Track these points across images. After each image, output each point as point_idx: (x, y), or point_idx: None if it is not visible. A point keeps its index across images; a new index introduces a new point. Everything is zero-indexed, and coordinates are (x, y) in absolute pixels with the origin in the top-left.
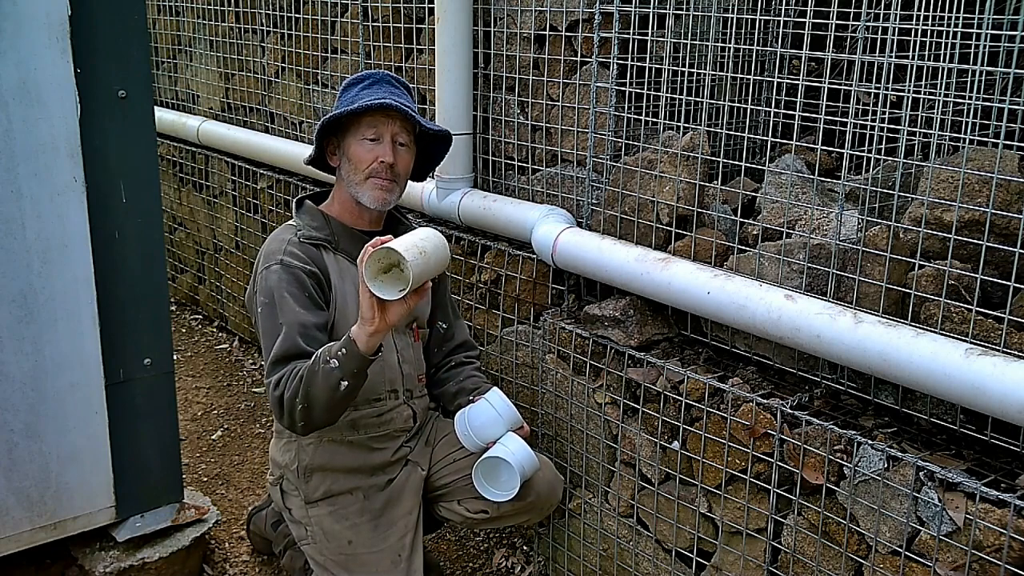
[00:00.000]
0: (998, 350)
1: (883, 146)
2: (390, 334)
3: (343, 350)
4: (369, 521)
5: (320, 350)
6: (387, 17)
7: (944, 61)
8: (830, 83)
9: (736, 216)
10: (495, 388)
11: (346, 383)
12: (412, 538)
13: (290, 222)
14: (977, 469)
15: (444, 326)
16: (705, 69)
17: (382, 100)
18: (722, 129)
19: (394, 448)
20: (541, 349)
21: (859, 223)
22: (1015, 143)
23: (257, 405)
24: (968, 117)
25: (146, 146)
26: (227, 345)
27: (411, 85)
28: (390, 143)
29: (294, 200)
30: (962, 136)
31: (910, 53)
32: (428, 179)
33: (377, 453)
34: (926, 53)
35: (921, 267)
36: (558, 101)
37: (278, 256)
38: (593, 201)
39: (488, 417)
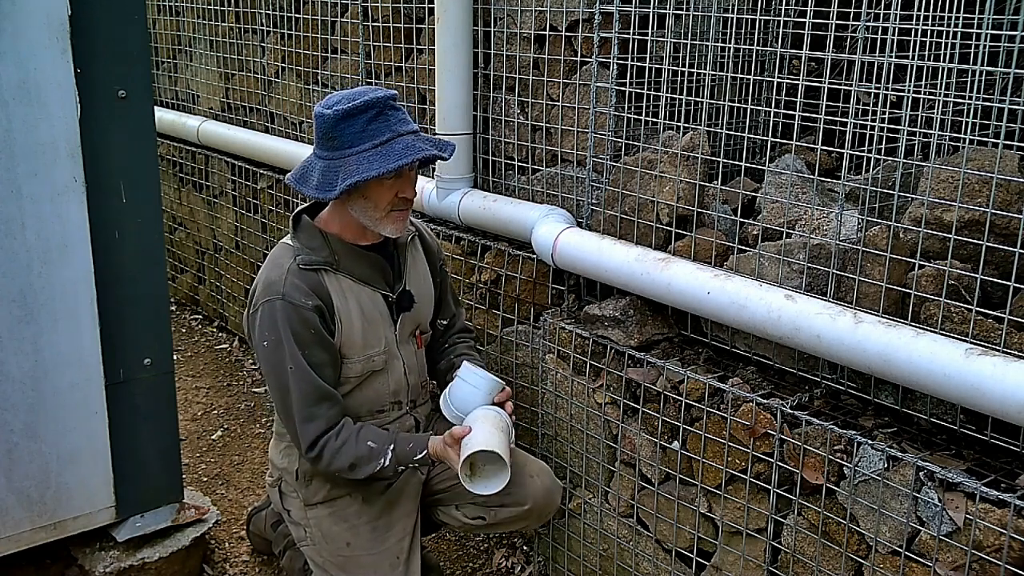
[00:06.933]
0: (998, 350)
1: (883, 146)
2: (396, 347)
3: (416, 463)
4: (368, 523)
5: (390, 455)
6: (387, 17)
7: (944, 61)
8: (830, 83)
9: (736, 216)
10: (466, 362)
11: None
12: (410, 541)
13: (287, 240)
14: (977, 469)
15: (444, 322)
16: (705, 69)
17: (421, 156)
18: (722, 129)
19: None
20: (541, 349)
21: (859, 223)
22: (1015, 143)
23: (257, 405)
24: (968, 117)
25: (146, 146)
26: (227, 345)
27: (411, 85)
28: (408, 178)
29: (291, 216)
30: (962, 136)
31: (910, 53)
32: (428, 179)
33: None
34: (926, 53)
35: (921, 267)
36: (558, 101)
37: (279, 289)
38: (593, 201)
39: (463, 392)
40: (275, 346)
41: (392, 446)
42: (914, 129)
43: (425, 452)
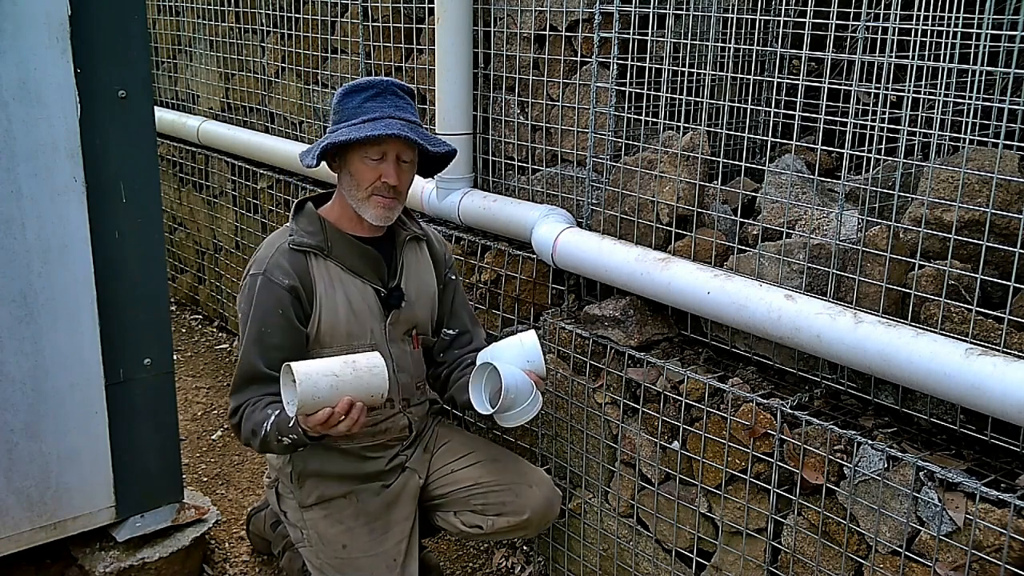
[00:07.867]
0: (998, 350)
1: (883, 146)
2: (385, 343)
3: (293, 435)
4: (364, 525)
5: (272, 418)
6: (387, 17)
7: (944, 61)
8: (830, 83)
9: (736, 216)
10: (533, 330)
11: (302, 448)
12: (407, 543)
13: (287, 224)
14: (977, 469)
15: (452, 332)
16: (705, 69)
17: (392, 132)
18: (722, 129)
19: (389, 457)
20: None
21: (859, 223)
22: (1015, 143)
23: None
24: (968, 117)
25: (146, 146)
26: (227, 345)
27: (412, 86)
28: (394, 162)
29: (295, 201)
30: (962, 136)
31: (910, 53)
32: (429, 178)
33: (370, 462)
34: (926, 53)
35: (921, 267)
36: (558, 101)
37: (264, 265)
38: (593, 201)
39: (512, 349)
40: (245, 317)
41: (278, 413)
42: (914, 129)
43: (294, 420)
